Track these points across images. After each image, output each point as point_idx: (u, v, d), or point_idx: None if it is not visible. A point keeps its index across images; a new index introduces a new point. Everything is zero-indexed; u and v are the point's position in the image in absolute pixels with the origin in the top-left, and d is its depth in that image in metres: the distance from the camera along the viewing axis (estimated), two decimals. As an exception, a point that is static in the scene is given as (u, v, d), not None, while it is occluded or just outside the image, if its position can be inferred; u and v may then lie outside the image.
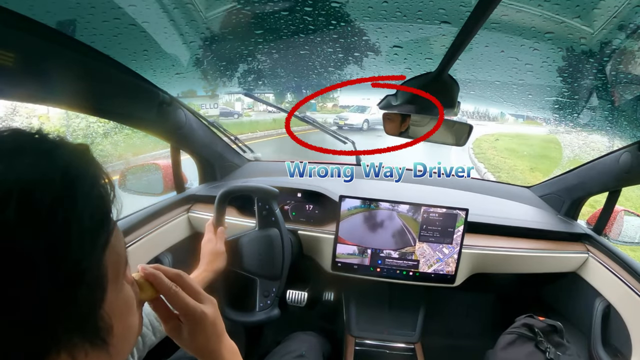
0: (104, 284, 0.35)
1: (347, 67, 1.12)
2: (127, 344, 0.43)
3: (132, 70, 1.01)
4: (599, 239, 1.45)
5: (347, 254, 1.41)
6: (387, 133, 1.01)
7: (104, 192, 0.36)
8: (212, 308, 0.63)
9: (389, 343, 1.47)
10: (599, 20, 0.71)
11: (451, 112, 0.84)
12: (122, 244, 0.41)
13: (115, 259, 0.38)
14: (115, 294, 0.38)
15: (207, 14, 0.82)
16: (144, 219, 1.29)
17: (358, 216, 1.38)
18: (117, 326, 0.38)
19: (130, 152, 5.66)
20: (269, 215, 1.24)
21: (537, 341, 1.25)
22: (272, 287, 1.20)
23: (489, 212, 1.56)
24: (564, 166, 1.69)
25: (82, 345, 0.34)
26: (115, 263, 0.38)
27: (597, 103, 1.14)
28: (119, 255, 0.39)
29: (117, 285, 0.39)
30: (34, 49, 0.71)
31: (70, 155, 0.34)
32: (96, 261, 0.34)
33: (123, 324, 0.40)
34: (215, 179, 1.73)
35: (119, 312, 0.39)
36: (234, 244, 1.22)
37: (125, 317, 0.41)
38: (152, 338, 0.89)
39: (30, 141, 0.34)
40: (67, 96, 0.85)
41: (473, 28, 0.55)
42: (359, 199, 1.37)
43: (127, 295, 0.42)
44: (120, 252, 0.40)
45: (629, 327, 1.22)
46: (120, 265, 0.40)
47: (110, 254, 0.36)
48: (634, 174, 1.23)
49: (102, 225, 0.35)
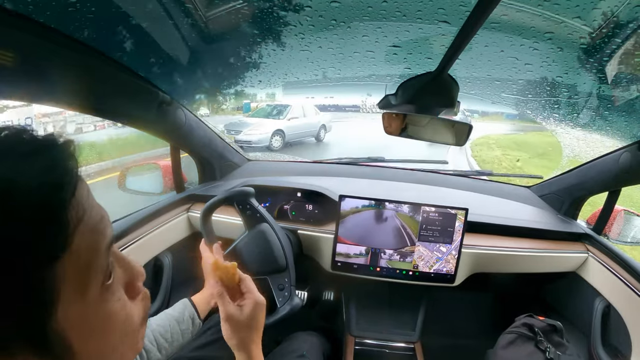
0: (54, 297, 0.30)
1: (345, 65, 1.12)
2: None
3: (132, 69, 1.01)
4: (598, 238, 1.45)
5: (347, 253, 1.41)
6: (386, 133, 1.01)
7: (56, 192, 0.31)
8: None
9: (389, 342, 1.47)
10: (598, 19, 0.71)
11: (451, 111, 0.84)
12: (95, 254, 0.34)
13: (80, 269, 0.33)
14: (79, 310, 0.33)
15: (207, 13, 0.82)
16: (143, 219, 1.30)
17: (358, 216, 1.38)
18: (81, 346, 0.33)
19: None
20: (253, 214, 1.24)
21: (537, 341, 1.25)
22: (284, 279, 1.20)
23: (489, 211, 1.56)
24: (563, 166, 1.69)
25: (29, 355, 0.30)
26: (80, 274, 0.33)
27: (597, 103, 1.15)
28: (88, 266, 0.34)
29: (85, 299, 0.33)
30: (33, 48, 0.71)
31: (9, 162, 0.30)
32: (36, 274, 0.29)
33: (93, 345, 0.35)
34: (215, 178, 1.73)
35: (85, 330, 0.34)
36: (231, 256, 1.23)
37: (99, 338, 0.36)
38: (157, 354, 0.89)
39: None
40: (66, 96, 0.85)
41: (473, 28, 0.55)
42: (358, 198, 1.37)
43: (108, 312, 0.36)
44: (91, 263, 0.34)
45: (629, 326, 1.22)
46: (88, 277, 0.34)
47: (70, 264, 0.31)
48: (633, 173, 1.22)
49: (45, 235, 0.29)
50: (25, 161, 0.30)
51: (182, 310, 1.00)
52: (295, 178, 1.73)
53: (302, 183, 1.59)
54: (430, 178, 1.87)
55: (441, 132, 0.97)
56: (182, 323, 0.98)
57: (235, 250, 1.23)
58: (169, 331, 0.94)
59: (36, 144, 0.32)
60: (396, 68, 1.09)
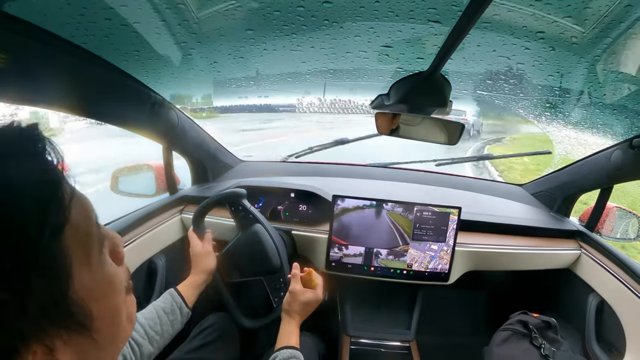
0: (67, 268, 0.33)
1: (337, 66, 1.12)
2: (116, 329, 0.41)
3: (124, 71, 1.00)
4: (591, 235, 1.46)
5: (341, 253, 1.41)
6: (379, 132, 1.01)
7: (49, 173, 0.34)
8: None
9: (385, 342, 1.47)
10: (590, 19, 0.71)
11: (443, 111, 0.84)
12: (90, 222, 0.38)
13: (82, 238, 0.36)
14: (89, 276, 0.36)
15: (199, 14, 0.81)
16: (136, 221, 1.28)
17: (351, 216, 1.38)
18: (97, 309, 0.36)
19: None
20: (246, 215, 1.24)
21: (531, 337, 1.26)
22: (278, 279, 1.21)
23: (482, 210, 1.57)
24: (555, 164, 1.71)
25: (57, 333, 0.32)
26: (82, 243, 0.36)
27: (588, 101, 1.15)
28: (87, 235, 0.37)
29: (91, 265, 0.37)
30: (25, 50, 0.70)
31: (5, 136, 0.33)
32: (48, 246, 0.32)
33: (105, 306, 0.38)
34: (208, 179, 1.72)
35: (98, 293, 0.37)
36: (225, 257, 1.22)
37: (108, 298, 0.39)
38: (149, 348, 0.90)
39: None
40: (58, 98, 0.84)
41: (465, 27, 0.55)
42: (352, 198, 1.37)
43: (108, 274, 0.40)
44: (89, 231, 0.37)
45: (623, 322, 1.23)
46: (90, 244, 0.37)
47: (72, 235, 0.34)
48: (625, 171, 1.24)
49: (48, 208, 0.32)
50: (18, 150, 0.33)
51: (169, 301, 1.01)
52: (289, 178, 1.72)
53: (296, 183, 1.59)
54: (423, 177, 1.87)
55: (434, 132, 0.98)
56: (170, 314, 0.99)
57: (229, 251, 1.22)
58: (158, 323, 0.95)
59: (20, 135, 0.35)
60: (388, 68, 1.08)
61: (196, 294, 1.10)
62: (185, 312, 1.03)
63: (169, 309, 1.00)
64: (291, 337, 0.99)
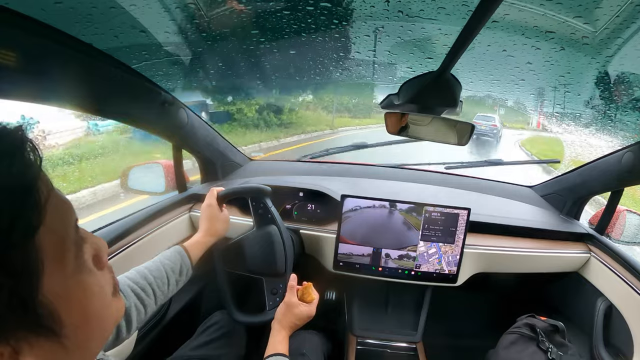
0: (38, 270, 0.33)
1: (348, 66, 1.12)
2: (88, 335, 0.39)
3: (134, 69, 1.01)
4: (601, 238, 1.44)
5: (349, 253, 1.41)
6: (388, 132, 1.01)
7: (25, 174, 0.34)
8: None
9: (391, 342, 1.46)
10: (601, 19, 0.70)
11: (453, 111, 0.84)
12: (67, 225, 0.38)
13: (56, 241, 0.35)
14: (61, 280, 0.36)
15: (209, 13, 0.82)
16: (145, 218, 1.30)
17: (360, 215, 1.38)
18: (68, 314, 0.36)
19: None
20: (265, 213, 1.24)
21: (538, 341, 1.25)
22: (278, 284, 1.21)
23: (491, 211, 1.56)
24: (566, 165, 1.69)
25: (23, 336, 0.32)
26: (57, 246, 0.35)
27: (600, 102, 1.14)
28: (63, 238, 0.37)
29: (65, 269, 0.36)
30: (35, 48, 0.71)
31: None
32: (19, 247, 0.31)
33: (78, 312, 0.37)
34: (217, 178, 1.73)
35: (69, 298, 0.36)
36: (234, 247, 1.23)
37: (82, 305, 0.38)
38: (153, 306, 0.92)
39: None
40: (68, 96, 0.86)
41: (475, 27, 0.55)
42: (360, 198, 1.37)
43: (84, 281, 0.39)
44: (65, 234, 0.37)
45: (631, 327, 1.22)
46: (65, 248, 0.37)
47: (46, 237, 0.34)
48: (636, 173, 1.22)
49: (21, 209, 0.32)
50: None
51: (178, 261, 1.01)
52: (298, 178, 1.73)
53: (305, 183, 1.59)
54: (433, 177, 1.86)
55: (443, 132, 0.97)
56: (177, 274, 1.00)
57: (238, 244, 1.23)
58: (166, 283, 0.96)
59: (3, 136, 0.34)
60: (398, 67, 1.08)
61: (200, 255, 1.10)
62: (190, 273, 1.04)
63: (178, 270, 1.00)
64: (280, 345, 1.02)
